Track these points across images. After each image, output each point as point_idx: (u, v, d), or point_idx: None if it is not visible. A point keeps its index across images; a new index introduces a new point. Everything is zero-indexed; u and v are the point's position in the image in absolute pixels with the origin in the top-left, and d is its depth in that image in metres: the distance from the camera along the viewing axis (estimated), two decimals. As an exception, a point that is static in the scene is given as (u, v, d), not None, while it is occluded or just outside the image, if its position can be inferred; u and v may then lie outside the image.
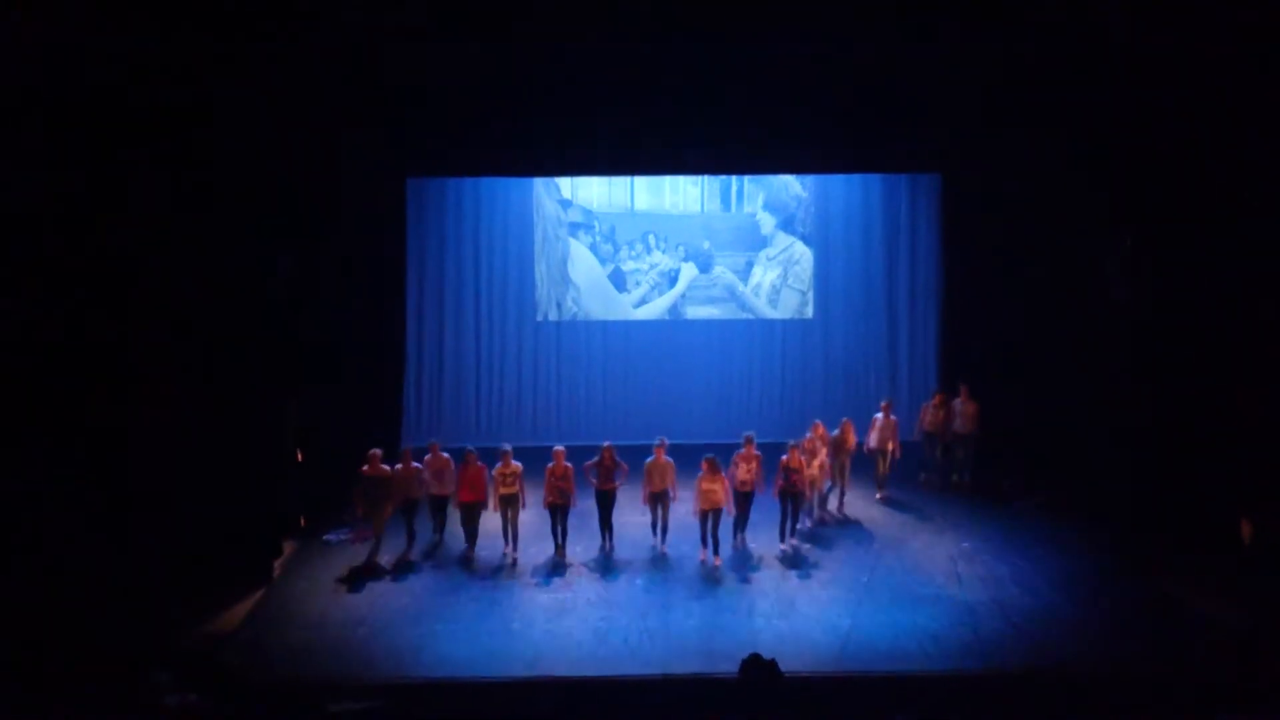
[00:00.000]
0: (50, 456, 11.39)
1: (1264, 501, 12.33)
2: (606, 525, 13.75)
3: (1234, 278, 12.61)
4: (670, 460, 13.60)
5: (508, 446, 13.79)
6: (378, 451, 13.55)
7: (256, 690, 10.49)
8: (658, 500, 13.61)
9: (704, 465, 13.37)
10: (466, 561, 13.46)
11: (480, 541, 13.70)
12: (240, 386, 12.76)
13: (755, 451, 13.68)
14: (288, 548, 13.80)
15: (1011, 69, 13.71)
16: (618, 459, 13.67)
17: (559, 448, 13.69)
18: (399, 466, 13.65)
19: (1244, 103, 12.17)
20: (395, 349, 17.74)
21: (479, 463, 13.60)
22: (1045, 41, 13.06)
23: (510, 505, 13.47)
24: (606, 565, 13.29)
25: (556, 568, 13.27)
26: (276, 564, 13.28)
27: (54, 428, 11.41)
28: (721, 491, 13.34)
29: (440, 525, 14.05)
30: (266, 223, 13.09)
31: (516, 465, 13.50)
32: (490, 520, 13.62)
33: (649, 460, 13.55)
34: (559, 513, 13.56)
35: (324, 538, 14.06)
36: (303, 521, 14.35)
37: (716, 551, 13.37)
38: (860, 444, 15.35)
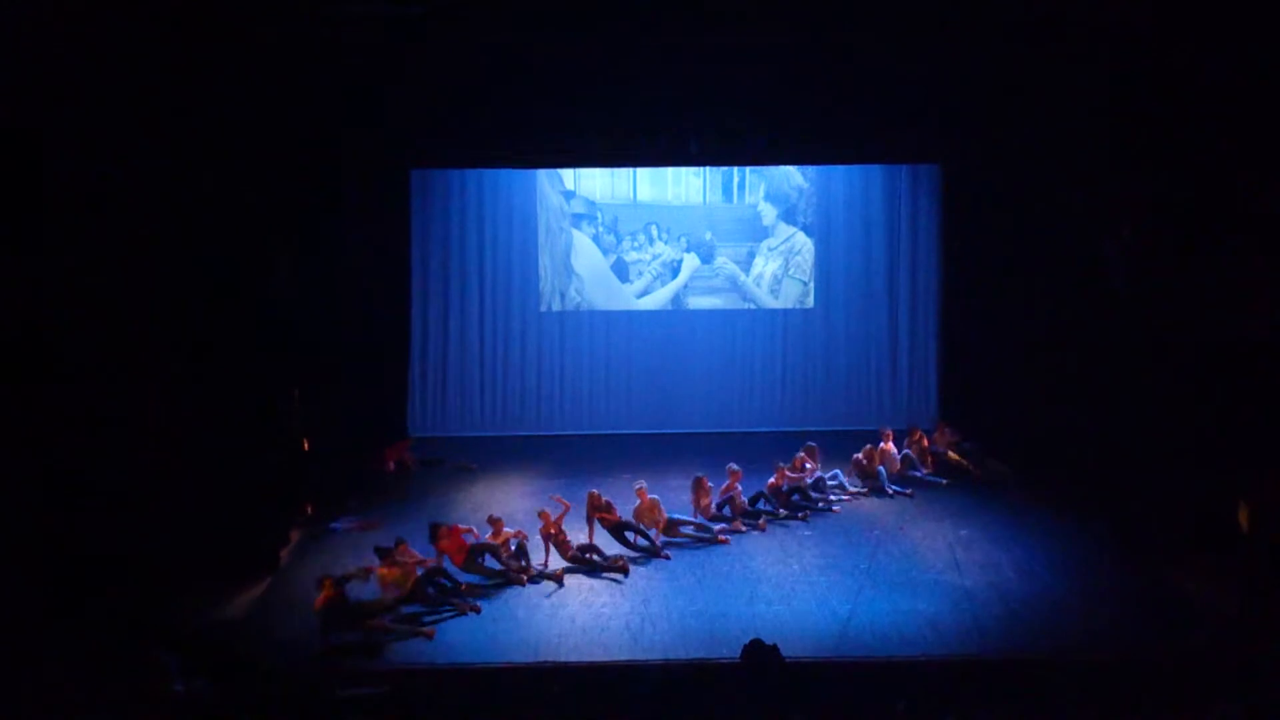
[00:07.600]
0: (59, 448, 11.49)
1: (1263, 489, 12.38)
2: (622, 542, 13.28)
3: (1233, 267, 12.66)
4: (655, 498, 13.60)
5: (520, 538, 12.75)
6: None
7: (264, 676, 10.65)
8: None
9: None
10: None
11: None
12: (246, 377, 12.86)
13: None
14: (294, 536, 13.94)
15: (1011, 58, 13.75)
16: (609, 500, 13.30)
17: (545, 509, 12.94)
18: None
19: (1246, 93, 12.20)
20: (400, 339, 17.87)
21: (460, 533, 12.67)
22: (1045, 31, 13.10)
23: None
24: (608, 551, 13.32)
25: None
26: (283, 552, 13.41)
27: (62, 421, 11.52)
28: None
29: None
30: (270, 216, 13.19)
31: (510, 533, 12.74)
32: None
33: (636, 506, 13.52)
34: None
35: (330, 526, 14.17)
36: (309, 510, 14.47)
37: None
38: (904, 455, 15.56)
